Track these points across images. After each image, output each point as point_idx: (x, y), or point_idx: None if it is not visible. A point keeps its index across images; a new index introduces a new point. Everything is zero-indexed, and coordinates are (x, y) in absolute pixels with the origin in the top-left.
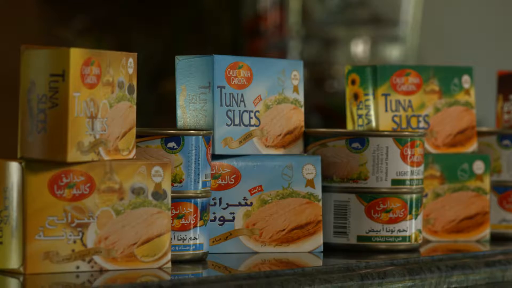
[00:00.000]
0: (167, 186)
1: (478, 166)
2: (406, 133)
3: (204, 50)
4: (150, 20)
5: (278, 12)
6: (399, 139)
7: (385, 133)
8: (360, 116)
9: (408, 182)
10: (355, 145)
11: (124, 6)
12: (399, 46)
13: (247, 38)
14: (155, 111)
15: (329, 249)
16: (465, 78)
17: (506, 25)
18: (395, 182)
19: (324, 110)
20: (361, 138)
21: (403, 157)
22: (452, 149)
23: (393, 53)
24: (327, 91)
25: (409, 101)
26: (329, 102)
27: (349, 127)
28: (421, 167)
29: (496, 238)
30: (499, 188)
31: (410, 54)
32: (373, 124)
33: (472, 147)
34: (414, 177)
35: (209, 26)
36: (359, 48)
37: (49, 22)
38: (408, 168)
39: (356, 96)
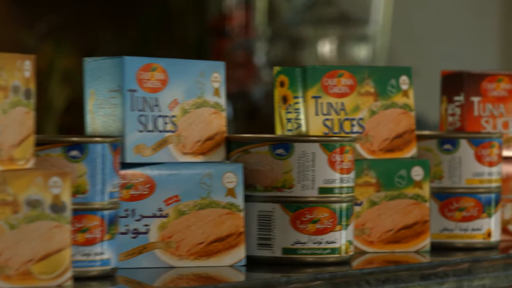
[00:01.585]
0: (66, 198)
1: (417, 172)
2: (335, 138)
3: (171, 50)
4: (117, 20)
5: (244, 11)
6: (327, 145)
7: (312, 138)
8: (289, 120)
9: (337, 190)
10: (279, 151)
11: (91, 5)
12: (368, 45)
13: (213, 38)
14: None
15: (253, 263)
16: (403, 79)
17: (476, 24)
18: (322, 190)
19: None
20: (285, 144)
21: (331, 163)
22: (389, 154)
23: (361, 53)
24: None
25: (342, 104)
26: None
27: (278, 132)
28: (351, 174)
29: (438, 248)
30: (440, 195)
31: (379, 54)
32: (303, 128)
33: (411, 152)
34: (344, 185)
35: (177, 26)
36: (326, 48)
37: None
38: (336, 176)
39: (285, 99)
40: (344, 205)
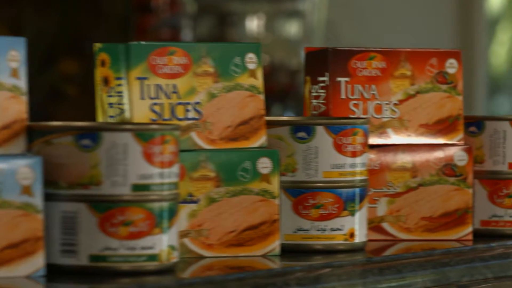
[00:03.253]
0: None
1: (264, 164)
2: (152, 126)
3: (96, 28)
4: None
5: None
6: (142, 134)
7: (123, 127)
8: (110, 105)
9: (155, 187)
10: (85, 142)
11: None
12: (301, 21)
13: (137, 15)
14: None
15: (55, 272)
16: (250, 57)
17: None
18: (137, 187)
19: None
20: (91, 134)
21: (148, 156)
22: (233, 144)
23: (292, 29)
24: None
25: (174, 86)
26: None
27: (100, 118)
28: (174, 168)
29: (291, 251)
30: (293, 190)
31: (313, 31)
32: (127, 114)
33: (259, 141)
34: (165, 180)
35: (102, 2)
36: (254, 24)
37: None
38: (154, 170)
39: (106, 81)
40: (165, 204)
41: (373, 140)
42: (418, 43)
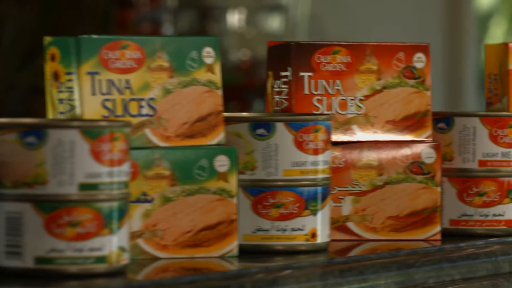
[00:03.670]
0: None
1: (221, 162)
2: (100, 123)
3: (78, 23)
4: None
5: None
6: (89, 132)
7: (70, 124)
8: (61, 101)
9: (103, 186)
10: (30, 139)
11: None
12: (283, 15)
13: (117, 9)
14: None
15: (0, 275)
16: (207, 51)
17: None
18: (84, 187)
19: None
20: (36, 131)
21: (96, 154)
22: (189, 141)
23: (274, 23)
24: None
25: (127, 81)
26: None
27: (50, 115)
28: (124, 167)
29: (250, 252)
30: (252, 189)
31: (297, 25)
32: (78, 110)
33: (217, 138)
34: (114, 179)
35: None
36: (235, 19)
37: None
38: (103, 169)
39: (56, 76)
40: (114, 204)
41: (338, 137)
42: (406, 37)
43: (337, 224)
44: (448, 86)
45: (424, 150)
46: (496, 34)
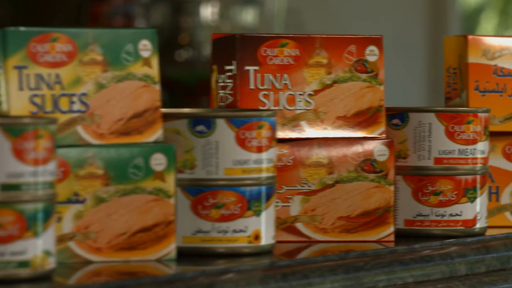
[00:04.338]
0: None
1: (158, 161)
2: (23, 120)
3: (51, 17)
4: None
5: None
6: (11, 129)
7: None
8: None
9: (26, 187)
10: None
11: None
12: (257, 9)
13: (89, 3)
14: None
15: None
16: (144, 44)
17: None
18: (6, 187)
19: (170, 84)
20: None
21: (18, 153)
22: (125, 138)
23: (249, 16)
24: (177, 60)
25: (57, 76)
26: (176, 74)
27: None
28: (49, 166)
29: (190, 254)
30: (191, 188)
31: (272, 19)
32: (4, 106)
33: (154, 135)
34: (39, 179)
35: None
36: (209, 12)
37: None
38: (26, 168)
39: None
40: (39, 205)
41: (286, 134)
42: (387, 32)
43: (285, 225)
44: (431, 82)
45: (376, 148)
46: (487, 29)
